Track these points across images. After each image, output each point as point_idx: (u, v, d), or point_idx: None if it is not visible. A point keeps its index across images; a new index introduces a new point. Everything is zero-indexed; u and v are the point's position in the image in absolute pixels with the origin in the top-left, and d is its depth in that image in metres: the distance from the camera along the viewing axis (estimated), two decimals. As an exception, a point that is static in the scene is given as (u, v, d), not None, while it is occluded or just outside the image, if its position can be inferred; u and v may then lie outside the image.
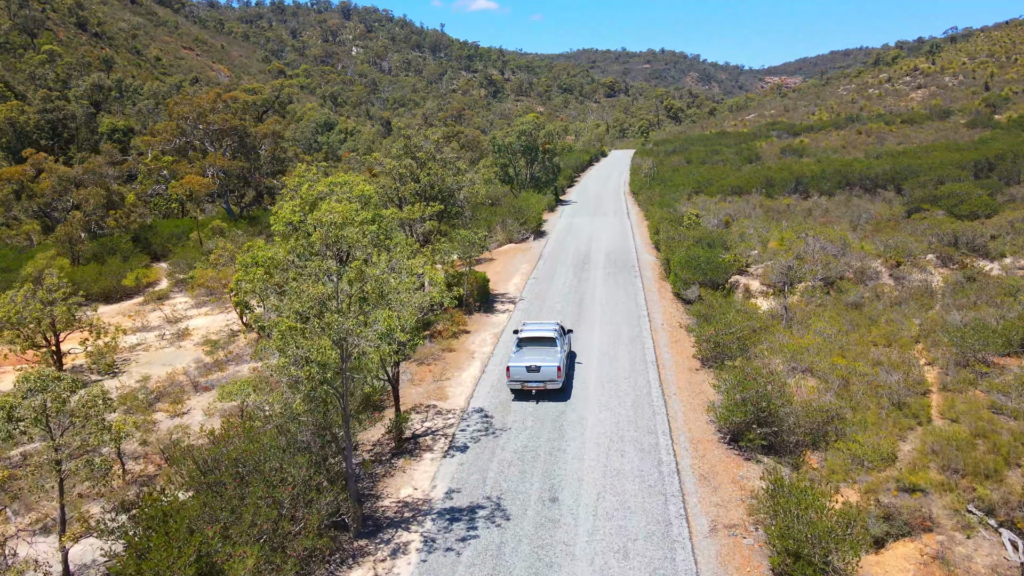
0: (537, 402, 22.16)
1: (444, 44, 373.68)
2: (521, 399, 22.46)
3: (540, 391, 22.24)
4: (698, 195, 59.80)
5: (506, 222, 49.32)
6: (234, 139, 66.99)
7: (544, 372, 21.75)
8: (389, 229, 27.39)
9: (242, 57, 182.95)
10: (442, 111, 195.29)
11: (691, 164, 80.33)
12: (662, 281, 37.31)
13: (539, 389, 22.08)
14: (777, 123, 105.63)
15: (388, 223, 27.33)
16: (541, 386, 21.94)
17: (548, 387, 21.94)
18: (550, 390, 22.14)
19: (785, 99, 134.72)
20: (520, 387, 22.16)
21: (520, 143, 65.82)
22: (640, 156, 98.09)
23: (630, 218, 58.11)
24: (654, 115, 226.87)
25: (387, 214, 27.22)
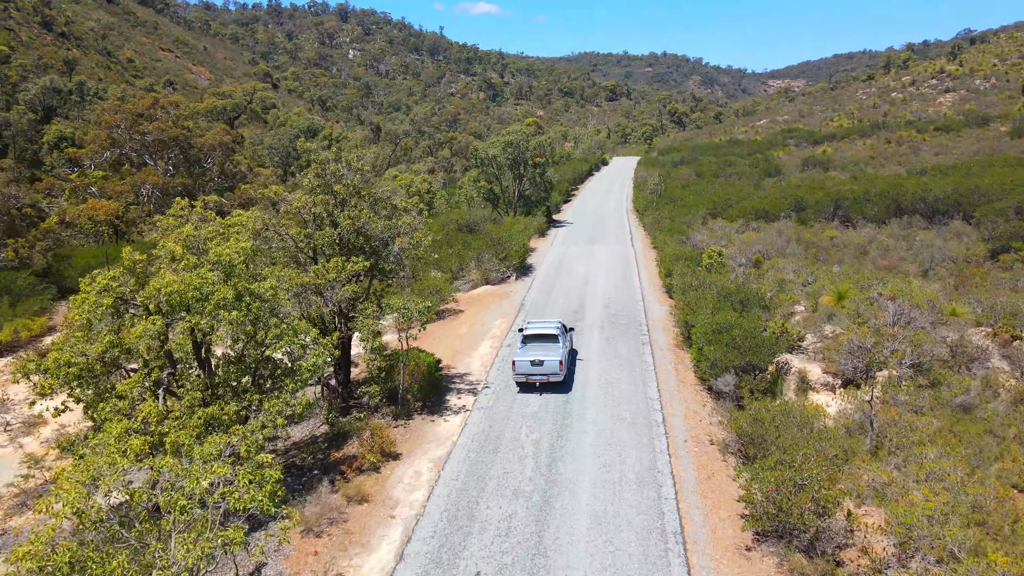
0: (541, 394, 23.17)
1: (443, 47, 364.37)
2: (526, 391, 23.49)
3: (544, 383, 23.42)
4: (715, 219, 50.09)
5: (482, 257, 39.62)
6: (176, 151, 57.42)
7: (547, 366, 22.97)
8: (270, 308, 17.83)
9: (227, 60, 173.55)
10: (436, 115, 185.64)
11: (702, 178, 70.62)
12: (679, 350, 27.56)
13: (543, 382, 23.27)
14: (793, 130, 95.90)
15: (270, 299, 17.78)
16: (545, 379, 23.14)
17: (551, 380, 23.19)
18: (553, 383, 23.40)
19: (799, 104, 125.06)
20: (525, 380, 23.31)
21: (506, 156, 56.13)
22: (644, 167, 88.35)
23: (634, 246, 48.36)
24: (657, 120, 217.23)
25: (267, 287, 17.63)
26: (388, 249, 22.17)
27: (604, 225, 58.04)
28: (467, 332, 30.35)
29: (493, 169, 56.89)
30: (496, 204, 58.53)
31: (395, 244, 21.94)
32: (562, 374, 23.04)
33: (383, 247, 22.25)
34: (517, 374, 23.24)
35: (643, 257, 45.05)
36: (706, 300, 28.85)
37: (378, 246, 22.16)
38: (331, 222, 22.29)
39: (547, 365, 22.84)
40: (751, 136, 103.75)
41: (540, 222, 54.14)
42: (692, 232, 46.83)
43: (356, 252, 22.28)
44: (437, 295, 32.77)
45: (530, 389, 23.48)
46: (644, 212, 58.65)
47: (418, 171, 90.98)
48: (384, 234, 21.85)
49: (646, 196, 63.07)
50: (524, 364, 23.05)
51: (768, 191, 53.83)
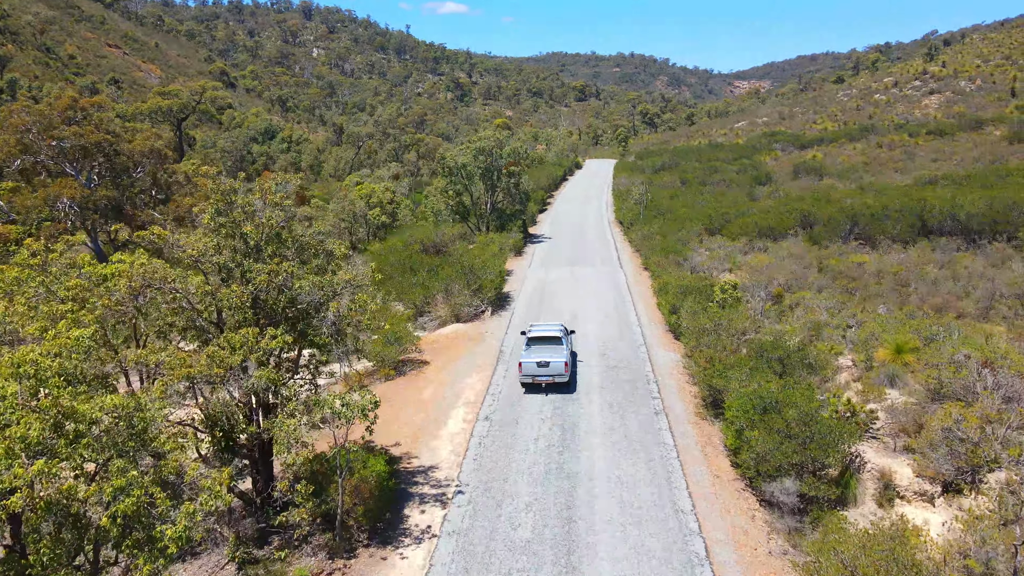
0: (547, 394, 23.32)
1: (410, 46, 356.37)
2: (532, 392, 23.55)
3: (549, 384, 23.55)
4: (713, 236, 44.38)
5: (452, 288, 33.27)
6: (101, 158, 50.00)
7: (553, 367, 23.15)
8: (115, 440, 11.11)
9: (181, 57, 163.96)
10: (402, 116, 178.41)
11: (688, 186, 65.09)
12: (703, 421, 21.62)
13: (548, 382, 23.43)
14: (777, 133, 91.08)
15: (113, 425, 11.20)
16: (550, 379, 23.32)
17: (556, 380, 23.33)
18: (558, 383, 23.47)
19: (776, 105, 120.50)
20: (531, 381, 23.43)
21: (477, 164, 49.79)
22: (624, 173, 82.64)
23: (623, 269, 42.44)
24: (628, 120, 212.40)
25: (112, 405, 11.03)
26: (321, 315, 15.71)
27: (586, 241, 52.03)
28: (432, 396, 23.96)
29: (463, 179, 50.54)
30: (466, 218, 52.21)
31: (329, 310, 15.45)
32: (567, 375, 23.43)
33: (315, 312, 15.79)
34: (523, 375, 23.48)
35: (636, 283, 39.11)
36: (729, 351, 22.96)
37: (307, 310, 15.71)
38: (242, 276, 15.81)
39: (553, 366, 23.18)
40: (731, 139, 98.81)
41: (516, 239, 47.94)
42: (689, 252, 41.09)
43: (276, 319, 15.82)
44: (397, 345, 26.38)
45: (536, 390, 23.77)
46: (630, 226, 52.80)
47: (381, 177, 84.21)
48: (314, 296, 15.38)
49: (630, 207, 57.23)
50: (530, 365, 23.35)
51: (768, 203, 48.31)
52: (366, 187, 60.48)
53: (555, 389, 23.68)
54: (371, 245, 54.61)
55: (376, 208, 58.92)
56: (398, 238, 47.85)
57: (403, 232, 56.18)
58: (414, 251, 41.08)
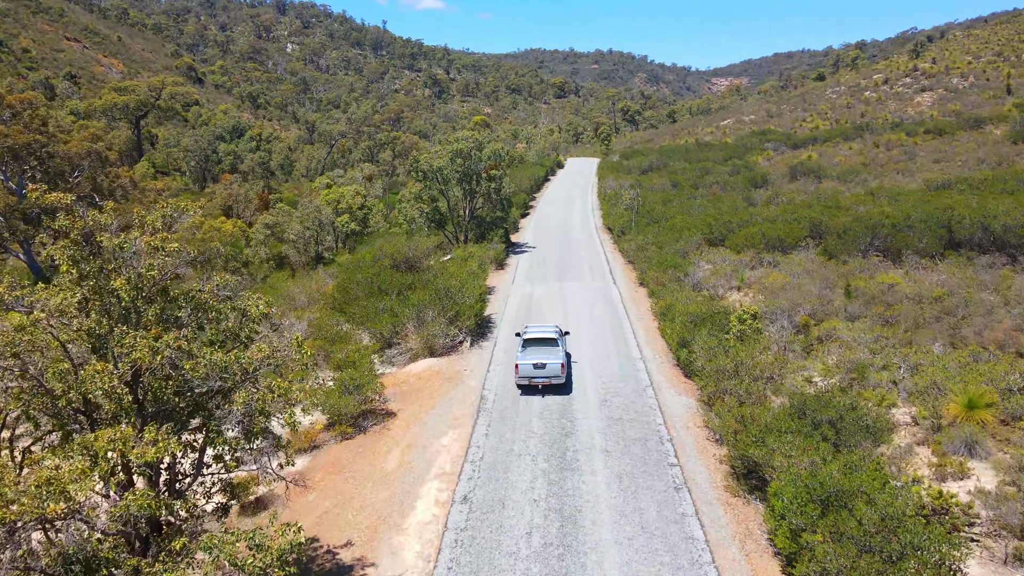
0: (543, 396, 22.86)
1: (386, 42, 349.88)
2: (528, 393, 23.13)
3: (546, 386, 23.18)
4: (715, 248, 40.14)
5: (425, 315, 28.58)
6: (33, 162, 44.62)
7: (550, 368, 22.80)
8: None
9: (145, 52, 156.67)
10: (378, 113, 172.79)
11: (680, 189, 60.85)
12: (735, 499, 17.21)
13: (545, 384, 23.06)
14: (767, 132, 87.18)
15: None
16: (547, 381, 22.94)
17: (553, 382, 22.99)
18: (555, 384, 23.12)
19: (761, 102, 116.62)
20: (528, 383, 23.03)
21: (455, 168, 45.07)
22: (610, 173, 78.27)
23: (617, 285, 38.06)
24: (608, 117, 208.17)
25: None
26: (228, 408, 10.97)
27: (574, 250, 47.54)
28: (399, 465, 19.25)
29: (439, 184, 45.81)
30: (443, 226, 47.50)
31: (236, 402, 10.68)
32: (563, 376, 23.12)
33: (216, 401, 11.05)
34: (520, 377, 23.11)
35: (633, 301, 34.71)
36: (756, 395, 18.66)
37: (203, 400, 10.97)
38: (117, 347, 11.02)
39: (550, 368, 22.89)
40: (719, 138, 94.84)
41: (497, 251, 43.33)
42: (690, 267, 36.78)
43: (166, 408, 11.08)
44: (356, 395, 21.66)
45: (532, 391, 23.36)
46: (621, 234, 48.42)
47: (353, 178, 79.01)
48: (212, 381, 10.61)
49: (620, 212, 52.85)
50: (527, 367, 22.97)
51: (772, 211, 44.05)
52: (334, 192, 55.47)
53: (552, 391, 23.32)
54: (339, 256, 49.75)
55: (345, 215, 54.00)
56: (367, 250, 43.05)
57: (374, 241, 51.43)
58: (383, 267, 36.32)
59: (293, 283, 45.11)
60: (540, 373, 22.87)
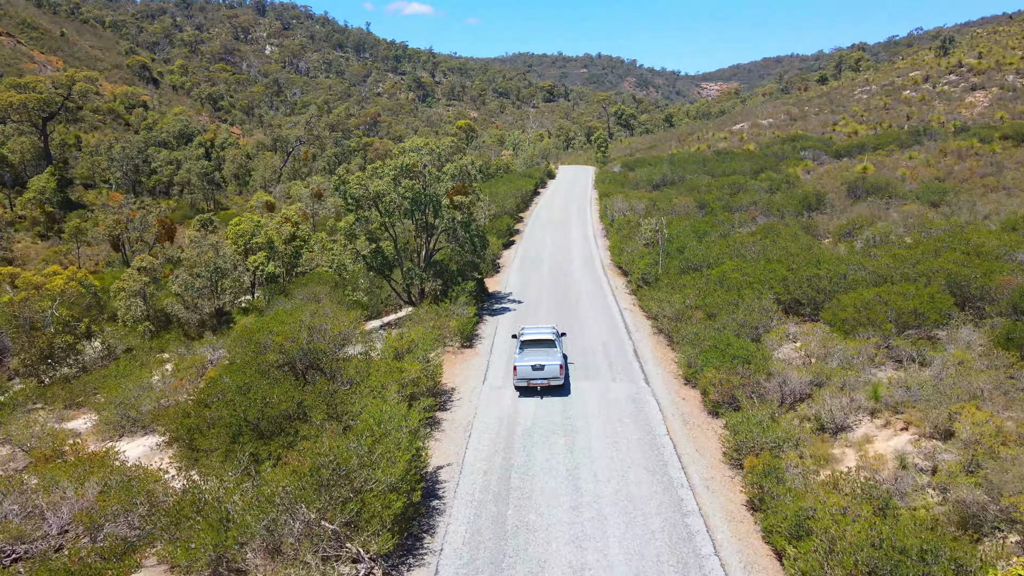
0: (542, 397, 22.09)
1: (369, 44, 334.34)
2: (526, 395, 22.29)
3: (544, 387, 22.45)
4: (796, 318, 25.26)
5: (285, 528, 13.30)
6: None
7: (548, 370, 22.07)
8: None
9: (95, 49, 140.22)
10: (353, 117, 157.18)
11: (711, 213, 45.96)
12: None
13: (543, 386, 22.34)
14: (798, 138, 72.45)
15: None
16: (545, 383, 22.25)
17: (551, 384, 22.27)
18: (553, 386, 22.39)
19: (767, 104, 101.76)
20: (526, 384, 22.33)
21: (402, 193, 29.82)
22: (614, 188, 63.14)
23: (652, 386, 23.17)
24: (600, 121, 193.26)
25: None
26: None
27: (578, 311, 32.42)
28: None
29: (381, 216, 30.63)
30: (389, 273, 32.32)
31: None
32: (562, 378, 22.31)
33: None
34: (518, 379, 22.29)
35: (687, 435, 19.71)
36: None
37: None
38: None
39: (548, 369, 22.11)
40: (736, 144, 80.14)
41: (463, 320, 28.06)
42: (769, 360, 21.95)
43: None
44: None
45: (531, 393, 22.40)
46: (644, 285, 33.47)
47: (298, 196, 63.58)
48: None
49: (638, 250, 37.86)
50: (525, 369, 22.16)
51: (879, 261, 29.03)
52: (246, 222, 39.99)
53: (550, 392, 22.30)
54: (238, 320, 34.40)
55: (260, 253, 38.68)
56: (268, 318, 27.66)
57: (304, 288, 36.33)
58: (270, 368, 21.05)
59: (157, 366, 30.00)
60: (538, 375, 22.04)
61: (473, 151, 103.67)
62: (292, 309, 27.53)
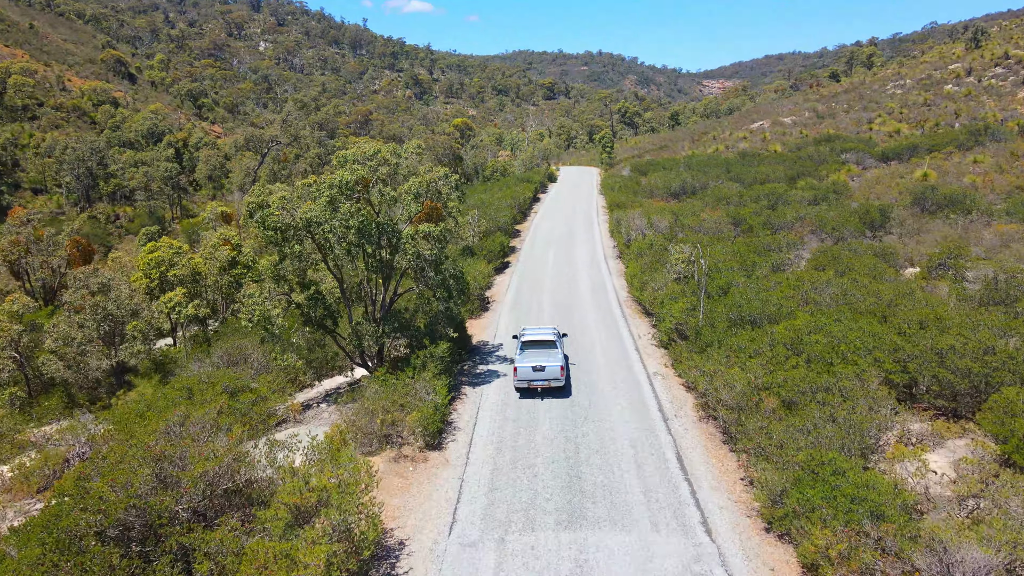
0: (542, 399, 21.42)
1: (366, 40, 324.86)
2: (527, 397, 21.69)
3: (545, 388, 21.80)
4: (907, 411, 16.07)
5: None
6: None
7: (549, 371, 21.44)
8: None
9: (68, 43, 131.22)
10: (344, 114, 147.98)
11: (750, 233, 36.95)
12: None
13: (544, 387, 21.70)
14: (833, 138, 63.35)
15: None
16: (546, 384, 21.58)
17: (552, 385, 21.61)
18: (554, 387, 21.75)
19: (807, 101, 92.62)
20: (527, 386, 21.67)
21: (344, 222, 20.88)
22: (624, 196, 54.05)
23: (716, 540, 14.07)
24: (603, 120, 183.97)
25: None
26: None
27: (592, 379, 23.46)
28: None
29: (317, 253, 21.73)
30: (334, 326, 23.35)
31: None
32: (563, 379, 21.63)
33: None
34: (519, 380, 21.61)
35: None
36: None
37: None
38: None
39: (549, 370, 21.42)
40: (758, 144, 71.13)
41: (425, 411, 19.02)
42: (908, 509, 13.01)
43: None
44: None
45: (531, 395, 21.80)
46: (687, 338, 24.54)
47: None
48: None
49: (666, 284, 28.85)
50: (526, 370, 21.50)
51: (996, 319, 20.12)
52: (165, 247, 30.91)
53: (551, 393, 21.74)
54: (137, 386, 25.46)
55: (180, 289, 29.67)
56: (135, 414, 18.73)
57: (225, 344, 27.52)
58: (82, 537, 12.13)
59: (14, 454, 21.48)
60: (539, 376, 21.40)
61: (470, 151, 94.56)
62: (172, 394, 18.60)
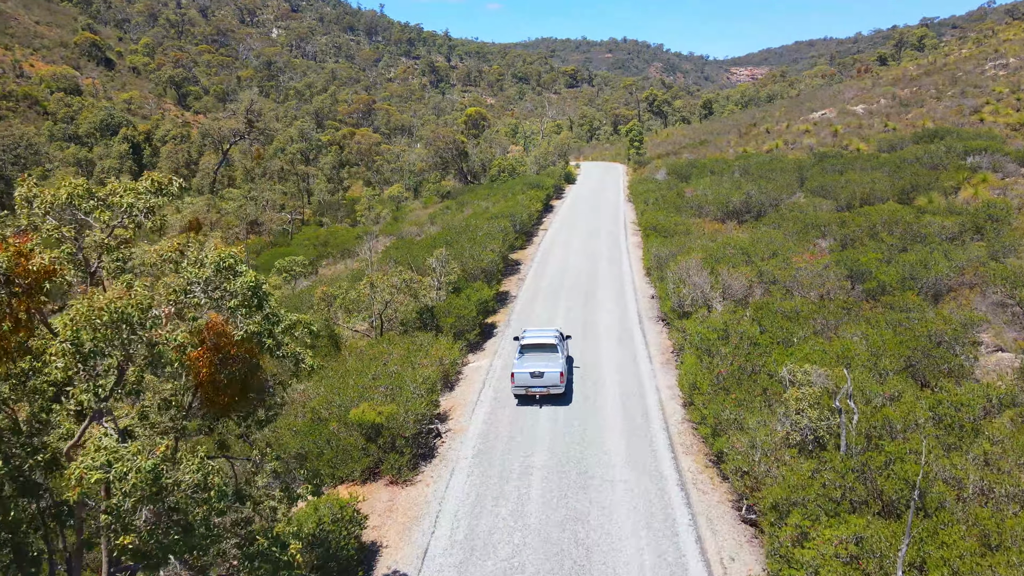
0: (540, 407, 20.32)
1: (383, 27, 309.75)
2: (525, 404, 20.62)
3: (544, 396, 20.65)
4: None
5: None
6: None
7: (547, 377, 20.24)
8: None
9: (41, 25, 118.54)
10: (344, 103, 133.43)
11: (882, 297, 21.36)
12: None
13: (542, 394, 20.53)
14: (942, 132, 47.26)
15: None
16: (545, 391, 20.41)
17: (551, 392, 20.44)
18: (553, 395, 20.60)
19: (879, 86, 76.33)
20: (524, 392, 20.58)
21: None
22: (659, 214, 38.50)
23: None
24: (628, 108, 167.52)
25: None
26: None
27: None
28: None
29: None
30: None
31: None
32: (563, 386, 20.33)
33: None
34: (516, 386, 20.49)
35: None
36: None
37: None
38: None
39: (547, 377, 20.17)
40: (829, 140, 55.30)
41: None
42: None
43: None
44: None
45: (529, 401, 20.68)
46: None
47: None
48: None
49: (771, 442, 13.68)
50: (523, 376, 20.34)
51: None
52: None
53: (550, 401, 20.46)
54: None
55: None
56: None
57: None
58: None
59: None
60: (537, 382, 20.15)
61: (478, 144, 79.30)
62: None
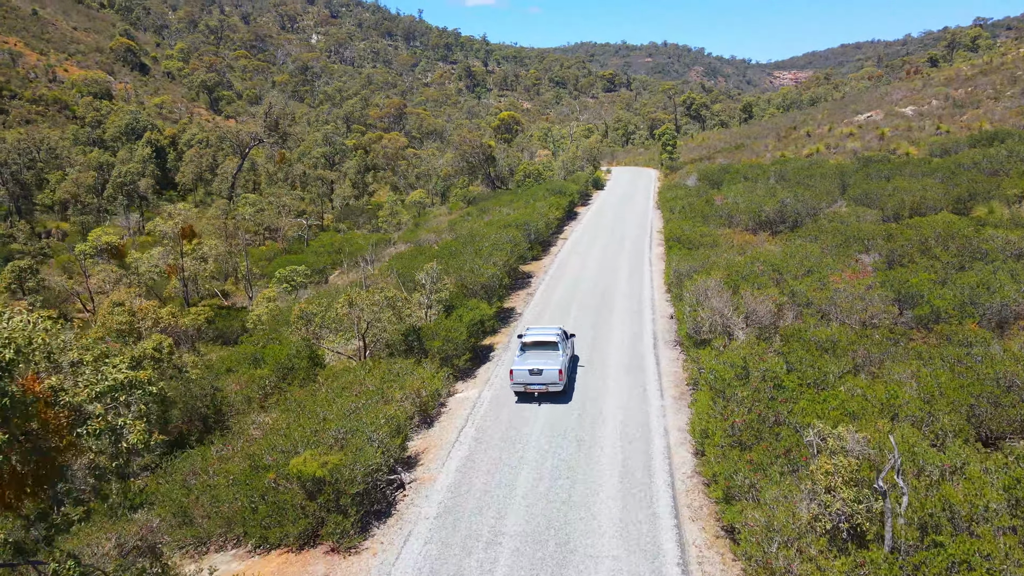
0: (539, 404, 20.01)
1: (420, 32, 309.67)
2: (524, 401, 20.33)
3: (542, 393, 20.37)
4: None
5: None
6: None
7: (546, 375, 19.98)
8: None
9: (78, 31, 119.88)
10: (374, 107, 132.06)
11: (935, 326, 17.68)
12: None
13: (541, 392, 20.27)
14: (1002, 135, 42.64)
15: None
16: (544, 388, 20.17)
17: (550, 390, 20.17)
18: (552, 392, 20.28)
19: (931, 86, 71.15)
20: (523, 389, 20.32)
21: None
22: (684, 224, 35.01)
23: None
24: (665, 112, 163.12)
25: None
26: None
27: None
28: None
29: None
30: None
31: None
32: (562, 383, 20.02)
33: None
34: (515, 383, 20.26)
35: None
36: None
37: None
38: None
39: (546, 374, 19.91)
40: (876, 144, 50.95)
41: None
42: None
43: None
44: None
45: (528, 399, 20.37)
46: None
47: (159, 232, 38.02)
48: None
49: (798, 538, 10.34)
50: (522, 373, 20.13)
51: None
52: None
53: (548, 398, 20.16)
54: None
55: None
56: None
57: None
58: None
59: None
60: (536, 380, 19.92)
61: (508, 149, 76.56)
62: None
